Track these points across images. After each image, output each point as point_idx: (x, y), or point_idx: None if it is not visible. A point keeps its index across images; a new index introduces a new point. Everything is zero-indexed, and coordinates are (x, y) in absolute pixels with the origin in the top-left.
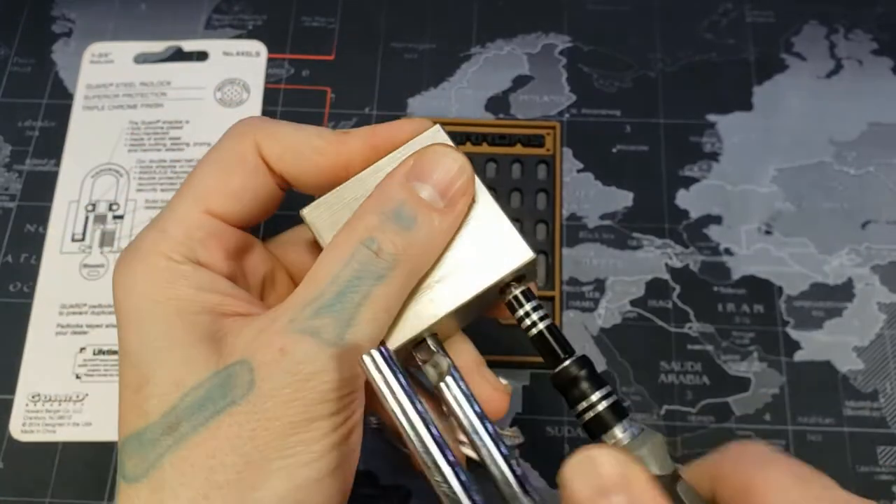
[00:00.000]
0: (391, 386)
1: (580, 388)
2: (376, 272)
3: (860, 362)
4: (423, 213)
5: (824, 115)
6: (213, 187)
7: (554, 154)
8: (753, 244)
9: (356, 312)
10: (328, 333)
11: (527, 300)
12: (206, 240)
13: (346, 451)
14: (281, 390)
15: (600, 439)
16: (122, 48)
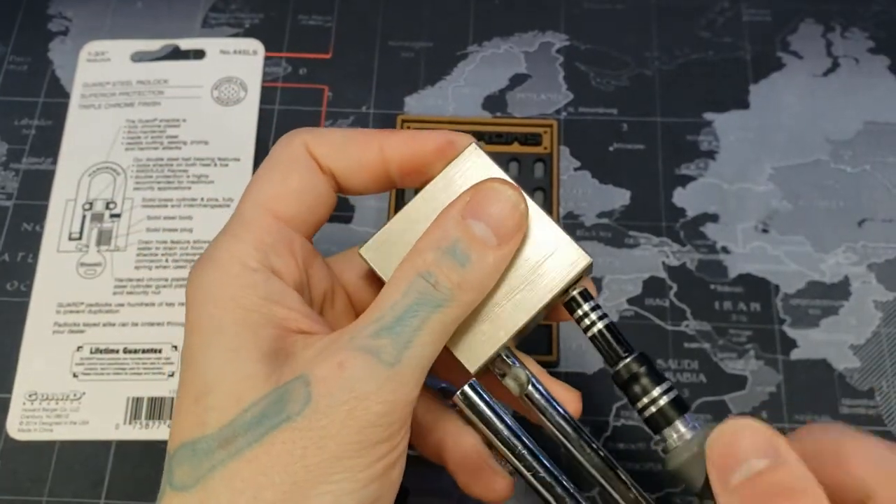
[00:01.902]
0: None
1: (641, 383)
2: (434, 301)
3: (856, 360)
4: (476, 250)
5: (821, 114)
6: (274, 190)
7: (551, 152)
8: (750, 242)
9: (414, 336)
10: (387, 354)
11: (585, 301)
12: (277, 245)
13: (387, 485)
14: (337, 407)
15: (663, 433)
16: (118, 46)
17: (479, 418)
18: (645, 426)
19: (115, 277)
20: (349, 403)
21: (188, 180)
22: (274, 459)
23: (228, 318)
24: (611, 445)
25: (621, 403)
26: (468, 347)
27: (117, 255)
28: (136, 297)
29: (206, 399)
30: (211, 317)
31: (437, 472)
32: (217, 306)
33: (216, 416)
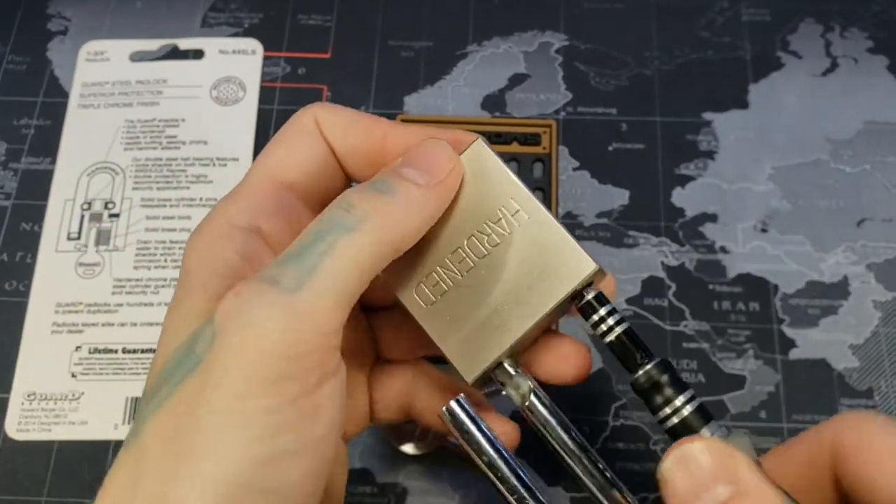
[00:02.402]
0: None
1: (664, 392)
2: (345, 224)
3: (855, 360)
4: (400, 183)
5: (820, 114)
6: (278, 157)
7: (550, 152)
8: (749, 242)
9: (319, 262)
10: (287, 280)
11: (600, 305)
12: (270, 208)
13: (307, 440)
14: (231, 339)
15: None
16: (117, 46)
17: (463, 437)
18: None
19: (114, 277)
20: (242, 333)
21: (187, 180)
22: (185, 406)
23: (203, 270)
24: (610, 445)
25: (620, 404)
26: (465, 356)
27: (116, 254)
28: (135, 296)
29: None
30: (187, 270)
31: (436, 472)
32: (193, 258)
33: (154, 366)
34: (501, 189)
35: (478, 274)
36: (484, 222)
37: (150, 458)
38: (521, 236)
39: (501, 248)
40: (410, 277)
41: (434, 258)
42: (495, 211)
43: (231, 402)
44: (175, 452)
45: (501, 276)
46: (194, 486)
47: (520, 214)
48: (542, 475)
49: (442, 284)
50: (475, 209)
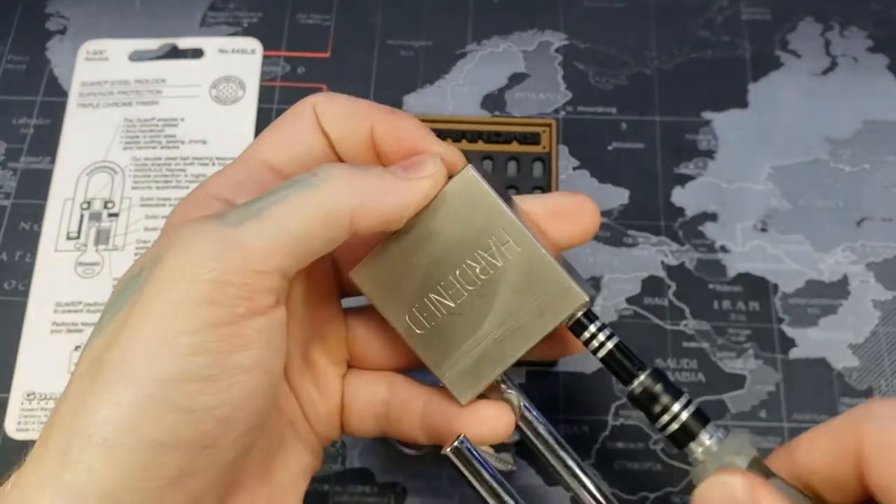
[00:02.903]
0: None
1: (660, 401)
2: (304, 182)
3: (855, 359)
4: (378, 168)
5: (819, 113)
6: (270, 140)
7: (550, 152)
8: (749, 241)
9: (266, 207)
10: (230, 218)
11: (589, 321)
12: (251, 185)
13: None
14: (167, 262)
15: (688, 447)
16: (116, 46)
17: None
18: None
19: (114, 277)
20: (177, 256)
21: (186, 179)
22: (116, 330)
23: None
24: (609, 445)
25: (620, 403)
26: (459, 381)
27: (115, 254)
28: None
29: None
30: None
31: (435, 472)
32: (167, 223)
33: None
34: (491, 218)
35: (470, 303)
36: (475, 252)
37: (76, 378)
38: (512, 267)
39: (493, 278)
40: (403, 304)
41: (426, 286)
42: (486, 241)
43: (153, 321)
44: (95, 370)
45: (493, 306)
46: (106, 399)
47: (510, 245)
48: (544, 475)
49: (435, 312)
50: (466, 239)
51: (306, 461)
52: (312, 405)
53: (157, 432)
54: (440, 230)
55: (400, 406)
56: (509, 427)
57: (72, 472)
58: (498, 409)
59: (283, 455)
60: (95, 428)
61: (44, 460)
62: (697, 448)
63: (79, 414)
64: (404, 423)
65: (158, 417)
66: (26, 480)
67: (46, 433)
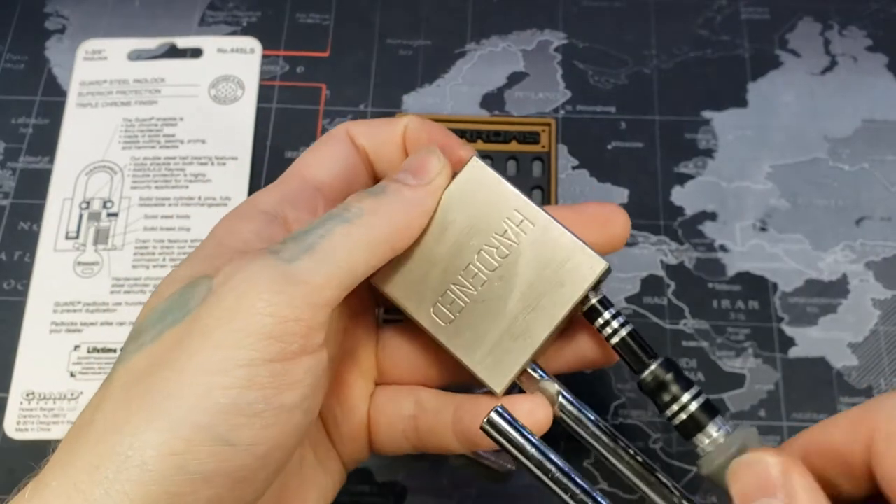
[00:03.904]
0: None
1: (670, 390)
2: (343, 217)
3: (854, 358)
4: (392, 185)
5: (819, 112)
6: (308, 158)
7: (549, 151)
8: (748, 241)
9: (317, 242)
10: (286, 253)
11: (605, 308)
12: (297, 199)
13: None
14: (227, 294)
15: (695, 438)
16: (115, 45)
17: (511, 444)
18: (677, 432)
19: (113, 276)
20: (240, 288)
21: (185, 179)
22: (165, 350)
23: (210, 240)
24: None
25: (619, 402)
26: (491, 368)
27: (114, 254)
28: (134, 296)
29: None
30: (202, 242)
31: (435, 472)
32: (211, 233)
33: (142, 311)
34: (503, 201)
35: (492, 287)
36: (491, 236)
37: (114, 393)
38: (529, 245)
39: (512, 259)
40: (426, 298)
41: (447, 277)
42: (500, 223)
43: (210, 349)
44: (141, 390)
45: (516, 286)
46: (152, 423)
47: (525, 224)
48: None
49: (458, 301)
50: (481, 224)
51: (321, 488)
52: (336, 425)
53: (196, 463)
54: (455, 221)
55: (430, 418)
56: (547, 419)
57: (105, 491)
58: (535, 403)
59: (301, 484)
60: (135, 451)
61: (72, 470)
62: (704, 439)
63: (118, 432)
64: (437, 434)
65: (200, 449)
66: (49, 490)
67: (74, 442)
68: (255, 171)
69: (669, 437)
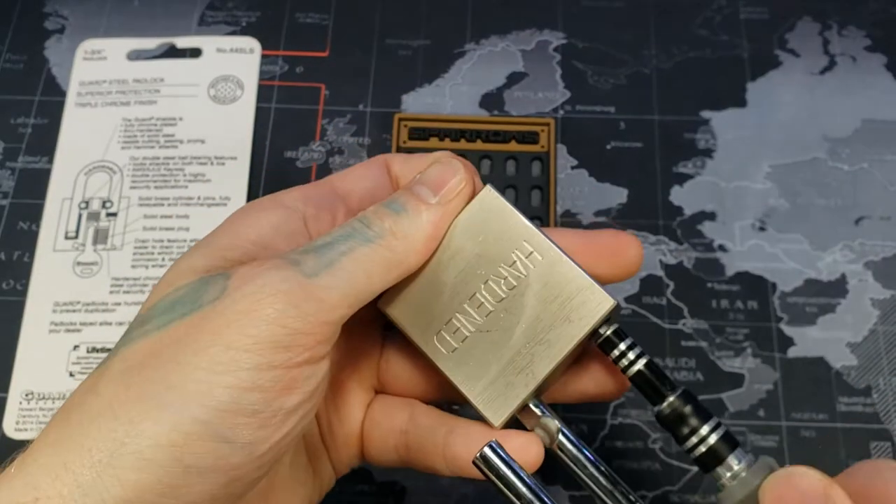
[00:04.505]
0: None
1: (689, 423)
2: (364, 236)
3: (853, 358)
4: (413, 204)
5: (818, 112)
6: (341, 173)
7: (548, 151)
8: (747, 240)
9: (338, 259)
10: (307, 266)
11: (620, 340)
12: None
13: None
14: (244, 298)
15: (715, 472)
16: (115, 45)
17: (501, 481)
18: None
19: (112, 276)
20: (256, 295)
21: (185, 179)
22: (170, 342)
23: (224, 230)
24: (608, 444)
25: (618, 402)
26: (491, 401)
27: (114, 253)
28: (133, 296)
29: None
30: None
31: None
32: (224, 223)
33: (150, 298)
34: (513, 232)
35: (497, 318)
36: (499, 266)
37: (112, 378)
38: (537, 277)
39: (519, 291)
40: (430, 325)
41: (452, 305)
42: (509, 255)
43: (219, 349)
44: (143, 378)
45: (521, 319)
46: (152, 413)
47: (533, 256)
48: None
49: (462, 331)
50: (489, 254)
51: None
52: (331, 430)
53: (192, 457)
54: (464, 249)
55: (421, 435)
56: (538, 458)
57: (97, 474)
58: (527, 439)
59: (289, 481)
60: (132, 438)
61: (61, 449)
62: (725, 472)
63: (115, 418)
64: (426, 454)
65: (198, 443)
66: (37, 466)
67: (65, 421)
68: (254, 170)
69: (668, 437)
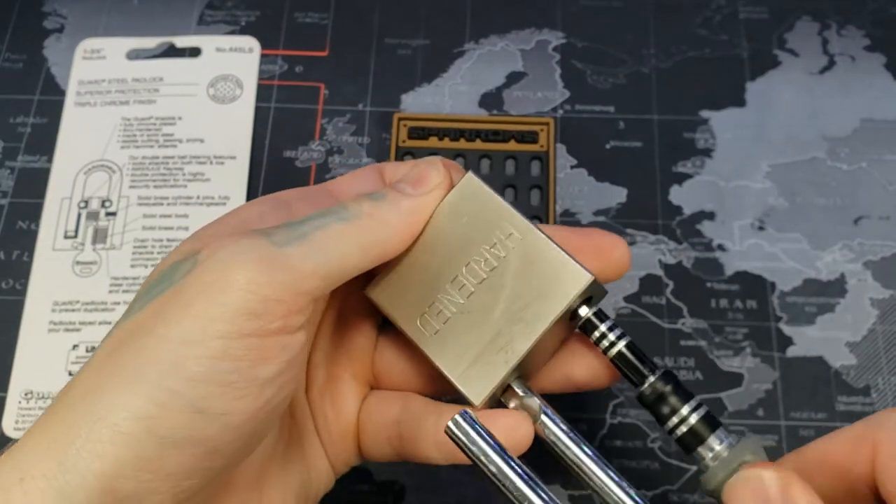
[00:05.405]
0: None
1: (669, 403)
2: (340, 215)
3: (853, 357)
4: (392, 194)
5: (817, 112)
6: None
7: (548, 150)
8: (746, 240)
9: (311, 232)
10: (278, 238)
11: (600, 321)
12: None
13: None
14: (213, 268)
15: (697, 452)
16: (114, 44)
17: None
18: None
19: (111, 276)
20: (225, 262)
21: (184, 178)
22: (146, 319)
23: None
24: (608, 443)
25: (617, 401)
26: (472, 380)
27: (113, 253)
28: (132, 295)
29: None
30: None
31: (434, 470)
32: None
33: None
34: (495, 215)
35: (478, 298)
36: (481, 248)
37: (96, 361)
38: (517, 257)
39: (499, 271)
40: (413, 308)
41: (435, 287)
42: (490, 236)
43: (190, 320)
44: (119, 355)
45: (501, 298)
46: (126, 386)
47: (514, 237)
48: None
49: (445, 312)
50: (471, 237)
51: (304, 482)
52: (326, 425)
53: (166, 428)
54: (447, 233)
55: (413, 424)
56: (527, 437)
57: (77, 450)
58: (515, 419)
59: (282, 471)
60: (107, 412)
61: (48, 431)
62: (707, 453)
63: (94, 395)
64: (419, 442)
65: (172, 414)
66: (26, 448)
67: (55, 405)
68: (253, 170)
69: (668, 437)
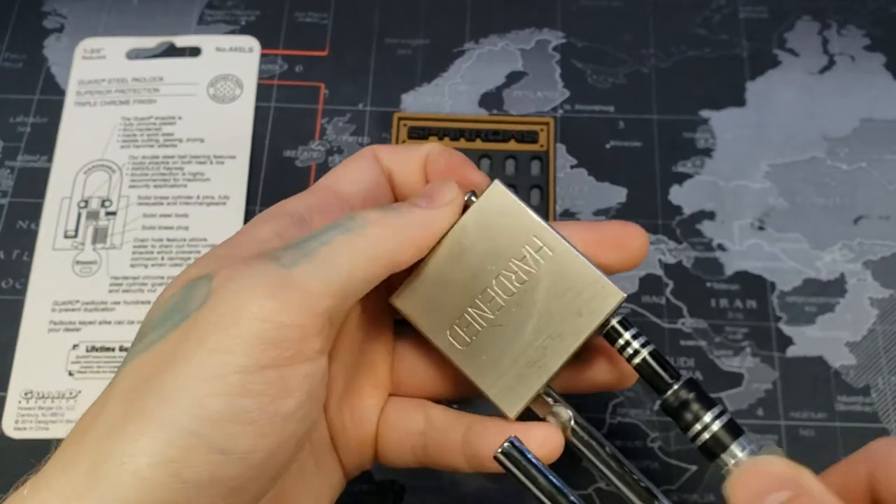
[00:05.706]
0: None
1: (692, 410)
2: (345, 227)
3: (852, 357)
4: (404, 206)
5: (817, 111)
6: (337, 173)
7: (548, 150)
8: (746, 240)
9: (317, 249)
10: (285, 259)
11: (625, 329)
12: (323, 207)
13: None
14: (227, 298)
15: (720, 459)
16: (114, 44)
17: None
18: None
19: (111, 275)
20: (237, 293)
21: (184, 178)
22: (166, 355)
23: (232, 238)
24: None
25: (617, 401)
26: (505, 393)
27: (113, 252)
28: (132, 295)
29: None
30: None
31: (434, 470)
32: (236, 232)
33: (150, 310)
34: (523, 227)
35: (509, 312)
36: (510, 261)
37: (117, 395)
38: (548, 272)
39: (530, 285)
40: (443, 321)
41: (464, 300)
42: (519, 249)
43: (206, 355)
44: (140, 394)
45: (532, 313)
46: (146, 429)
47: (543, 251)
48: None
49: (475, 325)
50: (500, 249)
51: (320, 493)
52: (344, 434)
53: (190, 471)
54: (474, 245)
55: (439, 436)
56: (559, 448)
57: (100, 495)
58: (548, 431)
59: (294, 488)
60: (129, 457)
61: (71, 472)
62: (730, 459)
63: (115, 437)
64: (445, 453)
65: (194, 456)
66: (49, 490)
67: (76, 444)
68: (253, 170)
69: (668, 436)
